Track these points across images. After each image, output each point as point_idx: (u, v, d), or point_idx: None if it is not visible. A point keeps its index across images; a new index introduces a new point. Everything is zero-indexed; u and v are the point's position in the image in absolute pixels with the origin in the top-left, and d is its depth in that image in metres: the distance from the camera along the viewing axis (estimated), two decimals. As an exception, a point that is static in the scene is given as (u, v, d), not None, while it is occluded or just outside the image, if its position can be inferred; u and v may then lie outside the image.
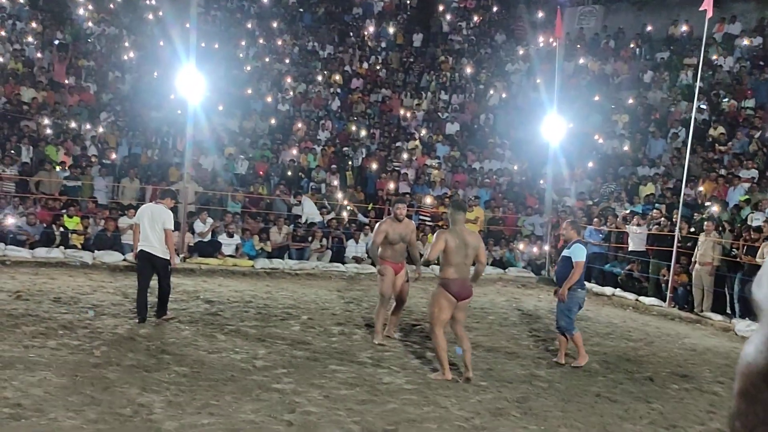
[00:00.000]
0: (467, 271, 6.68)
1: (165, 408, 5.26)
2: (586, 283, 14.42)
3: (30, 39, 20.82)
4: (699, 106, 15.35)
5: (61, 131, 16.87)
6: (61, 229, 12.92)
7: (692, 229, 12.82)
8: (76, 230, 13.06)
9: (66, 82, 19.46)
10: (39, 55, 20.37)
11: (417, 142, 20.29)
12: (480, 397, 6.25)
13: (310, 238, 14.85)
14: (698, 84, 13.76)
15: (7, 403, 5.07)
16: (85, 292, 9.74)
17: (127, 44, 22.63)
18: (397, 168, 18.78)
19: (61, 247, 12.63)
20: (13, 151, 15.04)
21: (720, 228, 12.16)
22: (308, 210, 15.69)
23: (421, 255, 8.75)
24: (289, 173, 17.63)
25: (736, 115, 17.40)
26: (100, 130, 17.67)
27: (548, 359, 7.98)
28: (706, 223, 12.12)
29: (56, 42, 21.33)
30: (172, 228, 8.46)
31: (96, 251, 12.63)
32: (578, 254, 7.65)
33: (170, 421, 4.99)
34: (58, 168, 15.06)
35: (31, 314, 8.02)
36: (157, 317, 8.31)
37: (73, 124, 17.45)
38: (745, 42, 19.61)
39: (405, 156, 19.48)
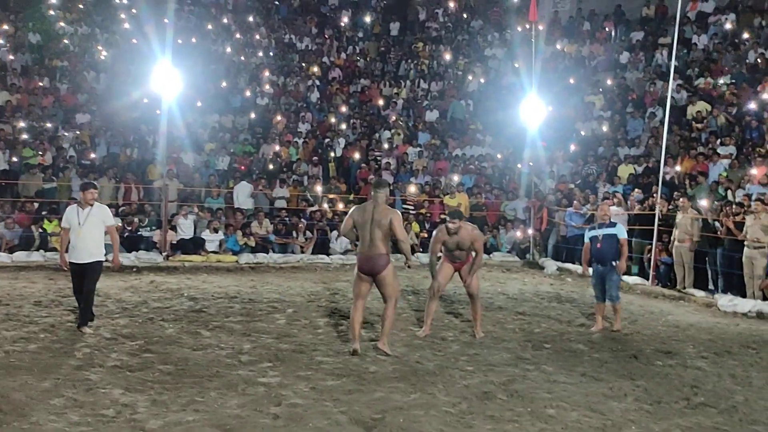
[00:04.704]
0: (371, 246, 6.77)
1: (149, 407, 5.21)
2: (571, 265, 14.59)
3: (1, 41, 20.53)
4: (675, 85, 15.41)
5: (37, 133, 16.68)
6: (40, 231, 12.78)
7: (671, 207, 12.92)
8: (54, 233, 12.92)
9: (40, 84, 19.25)
10: (11, 57, 20.11)
11: (396, 131, 20.26)
12: (466, 381, 6.26)
13: (294, 232, 14.81)
14: (673, 63, 13.81)
15: (-12, 408, 5.01)
16: (66, 294, 9.61)
17: (100, 44, 22.38)
18: (378, 157, 18.76)
19: (41, 250, 12.49)
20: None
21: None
22: (242, 198, 15.68)
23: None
24: (271, 167, 17.54)
25: (711, 93, 17.49)
26: (78, 132, 17.48)
27: (534, 341, 8.01)
28: (681, 200, 12.22)
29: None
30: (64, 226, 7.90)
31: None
32: (623, 232, 8.83)
33: (154, 419, 4.95)
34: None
35: (12, 319, 7.94)
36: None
37: (48, 125, 17.25)
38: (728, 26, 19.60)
39: (386, 145, 19.46)
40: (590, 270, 9.06)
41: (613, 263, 8.65)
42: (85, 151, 16.84)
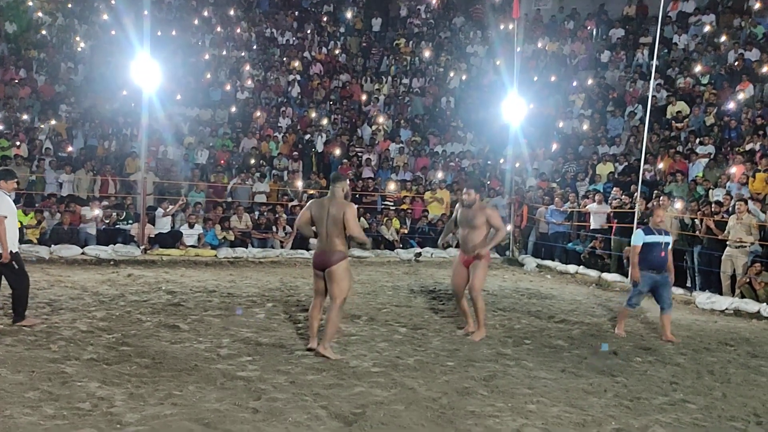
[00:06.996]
0: (327, 242, 6.58)
1: (126, 400, 5.13)
2: (550, 262, 14.65)
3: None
4: (655, 84, 15.51)
5: (12, 124, 16.42)
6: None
7: (649, 205, 13.00)
8: (30, 225, 12.72)
9: (16, 81, 18.94)
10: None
11: (379, 126, 20.21)
12: (447, 377, 6.23)
13: (273, 227, 14.72)
14: (654, 62, 13.91)
15: (-40, 402, 4.90)
16: (42, 287, 9.49)
17: (78, 35, 22.08)
18: (359, 153, 18.71)
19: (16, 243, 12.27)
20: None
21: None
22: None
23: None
24: (252, 161, 17.42)
25: (691, 92, 17.64)
26: (53, 122, 17.25)
27: (514, 337, 8.01)
28: (661, 198, 12.32)
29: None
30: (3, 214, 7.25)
31: (53, 245, 12.33)
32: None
33: (131, 413, 4.87)
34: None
35: (-15, 312, 7.79)
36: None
37: (25, 117, 16.99)
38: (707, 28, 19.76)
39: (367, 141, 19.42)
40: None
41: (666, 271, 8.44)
42: (62, 143, 16.63)
